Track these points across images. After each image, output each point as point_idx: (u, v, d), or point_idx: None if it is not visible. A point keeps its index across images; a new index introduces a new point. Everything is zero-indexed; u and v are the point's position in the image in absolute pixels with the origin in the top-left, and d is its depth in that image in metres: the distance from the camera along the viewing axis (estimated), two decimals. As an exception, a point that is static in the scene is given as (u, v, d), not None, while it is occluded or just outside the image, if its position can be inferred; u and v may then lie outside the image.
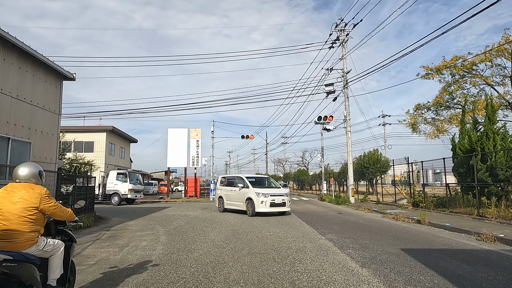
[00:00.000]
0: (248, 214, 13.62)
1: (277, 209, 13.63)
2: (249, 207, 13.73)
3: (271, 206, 13.39)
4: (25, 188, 3.10)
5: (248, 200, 13.82)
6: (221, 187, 16.43)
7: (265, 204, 13.29)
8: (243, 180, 14.86)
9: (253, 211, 13.40)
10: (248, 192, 13.98)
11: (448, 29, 11.70)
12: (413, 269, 5.27)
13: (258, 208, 13.27)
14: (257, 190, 13.76)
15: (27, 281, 2.88)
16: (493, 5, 9.09)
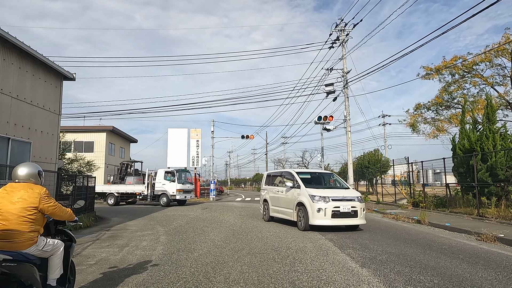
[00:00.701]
0: (299, 227, 9.58)
1: (344, 221, 9.27)
2: (300, 216, 9.62)
3: (334, 217, 9.12)
4: (24, 188, 3.10)
5: (299, 207, 9.75)
6: (266, 187, 12.65)
7: (324, 213, 9.05)
8: (292, 177, 10.76)
9: (305, 223, 9.29)
10: (300, 194, 9.90)
11: (448, 29, 11.71)
12: (413, 269, 5.26)
13: (314, 218, 9.12)
14: (312, 191, 9.58)
15: (27, 281, 2.88)
16: (493, 5, 9.09)
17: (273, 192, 11.84)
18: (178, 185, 20.52)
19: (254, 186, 73.24)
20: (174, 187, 20.45)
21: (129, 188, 22.31)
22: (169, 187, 20.62)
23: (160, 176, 21.30)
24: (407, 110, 23.43)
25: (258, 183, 71.27)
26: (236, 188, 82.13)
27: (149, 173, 21.98)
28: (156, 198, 21.01)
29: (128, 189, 22.34)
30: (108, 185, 23.64)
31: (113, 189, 22.48)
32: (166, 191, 20.55)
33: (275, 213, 11.52)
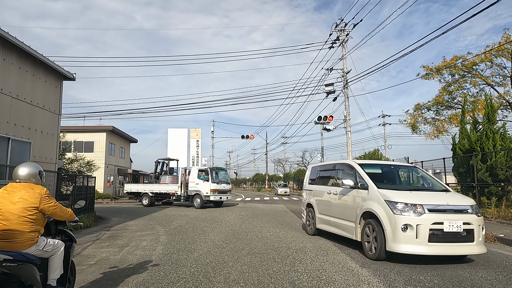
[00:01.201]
0: (368, 254, 6.09)
1: (451, 249, 5.60)
2: (369, 235, 6.14)
3: (434, 241, 5.49)
4: (25, 188, 3.10)
5: (368, 220, 6.25)
6: (311, 186, 9.08)
7: (416, 233, 5.51)
8: (352, 171, 7.26)
9: (380, 248, 5.79)
10: (367, 199, 6.40)
11: (448, 29, 11.71)
12: (413, 269, 5.26)
13: (397, 241, 5.62)
14: (390, 194, 6.03)
15: (27, 281, 2.88)
16: (493, 5, 9.09)
17: (322, 194, 8.18)
18: (212, 184, 18.35)
19: (254, 186, 73.28)
20: (207, 187, 18.33)
21: (163, 188, 20.45)
22: (202, 187, 18.56)
23: (193, 174, 19.34)
24: (407, 110, 23.49)
25: (258, 183, 71.36)
26: (236, 188, 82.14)
27: (183, 171, 20.44)
28: (190, 199, 19.06)
29: (162, 189, 20.50)
30: (142, 185, 22.38)
31: (148, 189, 21.04)
32: (200, 191, 18.53)
33: (324, 225, 7.97)
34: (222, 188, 19.01)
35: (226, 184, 19.61)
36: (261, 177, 70.51)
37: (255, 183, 74.42)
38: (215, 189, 18.40)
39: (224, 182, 19.52)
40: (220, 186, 18.84)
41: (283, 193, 37.91)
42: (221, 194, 18.85)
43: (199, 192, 18.57)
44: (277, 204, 22.38)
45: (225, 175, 20.92)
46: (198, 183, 18.84)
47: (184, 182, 19.63)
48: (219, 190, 18.71)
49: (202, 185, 18.58)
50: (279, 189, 39.24)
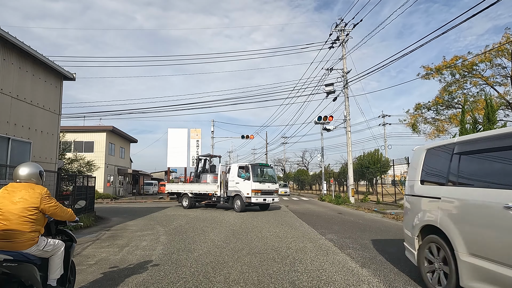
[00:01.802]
0: None
1: None
2: None
3: None
4: (25, 188, 3.10)
5: None
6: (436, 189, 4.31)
7: None
8: None
9: None
10: None
11: (448, 29, 11.72)
12: (413, 269, 5.26)
13: None
14: None
15: (27, 281, 2.88)
16: (493, 5, 9.09)
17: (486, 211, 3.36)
18: (254, 184, 15.85)
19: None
20: (248, 186, 15.87)
21: (203, 188, 18.19)
22: (243, 187, 16.10)
23: (233, 172, 16.85)
24: (407, 110, 23.51)
25: (258, 183, 71.15)
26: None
27: (222, 169, 17.80)
28: (230, 201, 16.65)
29: (202, 189, 18.22)
30: (183, 184, 20.68)
31: (188, 189, 18.96)
32: (240, 191, 16.12)
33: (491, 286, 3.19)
34: (266, 189, 16.35)
35: (271, 184, 16.80)
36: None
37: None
38: (257, 189, 15.89)
39: (268, 181, 16.79)
40: (263, 186, 16.27)
41: (283, 193, 37.92)
42: (265, 196, 16.20)
43: (239, 193, 16.17)
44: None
45: (271, 172, 18.00)
46: (238, 182, 16.39)
47: (224, 181, 17.15)
48: (263, 191, 16.14)
49: (243, 185, 16.14)
50: (279, 189, 39.21)
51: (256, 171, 16.54)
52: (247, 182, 15.95)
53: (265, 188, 16.27)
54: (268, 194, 16.35)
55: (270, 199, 16.38)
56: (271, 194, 16.61)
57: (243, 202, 15.83)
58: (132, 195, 37.69)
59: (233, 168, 17.08)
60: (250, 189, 15.74)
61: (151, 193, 40.93)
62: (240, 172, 16.51)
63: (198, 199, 18.40)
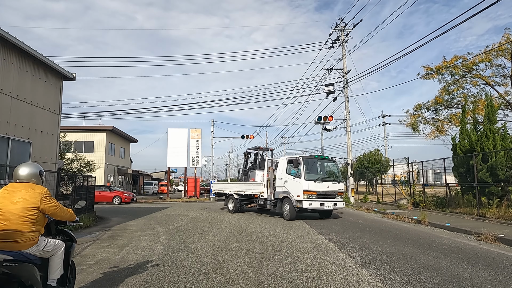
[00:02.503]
0: None
1: None
2: None
3: None
4: (25, 188, 3.10)
5: None
6: None
7: None
8: None
9: None
10: None
11: (448, 29, 11.72)
12: (413, 269, 5.27)
13: None
14: None
15: (27, 281, 2.89)
16: (492, 5, 9.09)
17: None
18: (306, 183, 11.89)
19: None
20: (299, 186, 12.01)
21: (248, 188, 15.03)
22: (293, 187, 12.36)
23: (281, 168, 13.29)
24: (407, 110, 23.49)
25: (258, 183, 71.12)
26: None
27: (270, 163, 14.23)
28: (278, 205, 13.03)
29: (247, 189, 15.06)
30: (229, 184, 17.80)
31: (234, 188, 15.99)
32: (289, 193, 12.39)
33: None
34: (325, 190, 12.20)
35: (332, 183, 12.52)
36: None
37: (255, 183, 74.27)
38: (311, 191, 11.90)
39: (328, 179, 12.64)
40: (320, 186, 12.12)
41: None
42: (323, 199, 12.07)
43: (288, 195, 12.44)
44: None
45: (332, 167, 13.66)
46: (287, 180, 12.76)
47: (271, 180, 13.65)
48: (319, 192, 12.03)
49: (292, 184, 12.43)
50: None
51: (310, 165, 12.61)
52: (298, 181, 12.13)
53: (323, 189, 12.14)
54: (327, 197, 12.17)
55: (330, 203, 12.11)
56: (332, 197, 12.35)
57: (293, 207, 12.07)
58: (132, 195, 37.63)
59: (281, 162, 13.51)
60: (302, 190, 11.82)
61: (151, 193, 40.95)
62: (289, 168, 12.87)
63: (244, 201, 15.40)
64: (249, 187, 14.96)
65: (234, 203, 15.46)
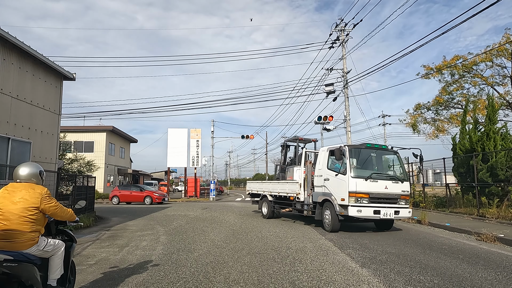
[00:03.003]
0: None
1: None
2: None
3: None
4: (25, 188, 3.10)
5: None
6: None
7: None
8: None
9: None
10: None
11: (448, 29, 11.70)
12: (413, 269, 5.27)
13: None
14: None
15: (27, 281, 2.89)
16: (492, 5, 9.09)
17: None
18: (354, 181, 8.85)
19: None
20: (343, 186, 9.02)
21: (281, 189, 12.28)
22: (335, 186, 9.37)
23: (321, 162, 10.25)
24: (407, 110, 23.49)
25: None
26: (236, 188, 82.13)
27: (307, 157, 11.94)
28: (318, 210, 9.90)
29: (280, 189, 12.34)
30: (265, 183, 14.68)
31: (268, 189, 13.43)
32: (331, 194, 9.43)
33: None
34: (381, 191, 8.92)
35: (393, 182, 9.17)
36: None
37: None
38: (361, 192, 8.77)
39: (386, 177, 9.27)
40: (375, 186, 8.90)
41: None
42: (379, 204, 8.85)
43: (329, 197, 9.39)
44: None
45: (392, 161, 10.16)
46: (327, 178, 9.65)
47: (308, 178, 10.67)
48: (373, 195, 8.83)
49: (335, 183, 9.34)
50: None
51: (359, 158, 9.48)
52: (342, 178, 9.04)
53: (378, 190, 8.82)
54: (384, 202, 8.88)
55: (388, 211, 8.76)
56: (392, 201, 8.99)
57: (335, 215, 9.00)
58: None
59: (321, 154, 10.40)
60: (347, 191, 8.73)
61: (151, 193, 40.87)
62: (331, 162, 9.76)
63: (279, 204, 12.58)
64: (283, 187, 12.18)
65: (268, 207, 12.91)
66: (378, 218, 8.85)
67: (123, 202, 23.63)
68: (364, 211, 8.69)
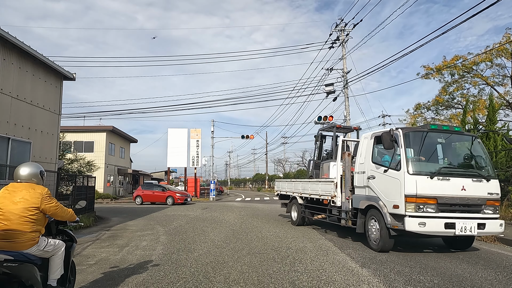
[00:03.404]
0: None
1: None
2: None
3: None
4: (26, 188, 3.10)
5: None
6: None
7: None
8: None
9: None
10: None
11: (448, 29, 11.70)
12: (413, 269, 5.27)
13: None
14: None
15: (28, 281, 2.89)
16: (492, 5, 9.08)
17: None
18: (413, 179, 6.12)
19: (254, 186, 73.25)
20: (396, 186, 6.34)
21: (313, 190, 9.81)
22: (384, 187, 6.75)
23: (363, 153, 7.74)
24: (407, 110, 23.51)
25: (258, 183, 71.34)
26: (236, 188, 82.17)
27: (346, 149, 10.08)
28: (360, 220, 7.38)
29: (312, 190, 9.89)
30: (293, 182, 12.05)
31: (297, 189, 11.01)
32: (377, 199, 6.82)
33: None
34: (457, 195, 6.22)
35: (473, 181, 6.42)
36: (261, 177, 70.53)
37: (255, 183, 74.42)
38: (427, 197, 6.11)
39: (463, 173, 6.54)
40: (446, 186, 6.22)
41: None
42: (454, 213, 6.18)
43: (375, 202, 6.89)
44: (277, 204, 22.27)
45: (468, 150, 7.06)
46: (373, 175, 7.17)
47: (347, 175, 8.19)
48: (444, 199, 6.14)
49: (384, 182, 6.82)
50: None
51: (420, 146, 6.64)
52: (394, 175, 6.51)
53: (451, 193, 6.24)
54: (461, 210, 6.29)
55: (468, 224, 6.13)
56: (474, 208, 6.38)
57: (386, 228, 6.45)
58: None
59: (362, 144, 7.81)
60: (402, 195, 6.20)
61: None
62: (377, 152, 7.33)
63: (310, 208, 10.08)
64: (315, 188, 9.62)
65: (298, 211, 10.63)
66: (452, 234, 6.03)
67: (146, 203, 22.40)
68: (430, 224, 5.90)
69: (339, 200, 8.26)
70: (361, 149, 7.76)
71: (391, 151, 6.66)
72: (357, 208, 7.48)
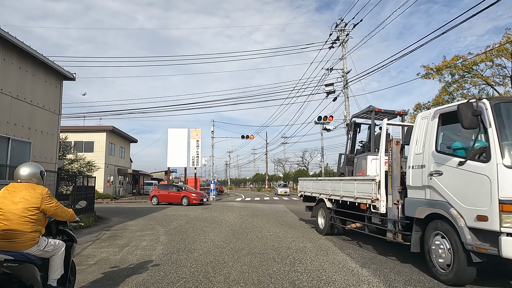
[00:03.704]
0: None
1: None
2: None
3: None
4: (26, 188, 3.10)
5: None
6: None
7: None
8: None
9: None
10: None
11: (448, 29, 11.70)
12: (413, 269, 5.27)
13: None
14: None
15: (28, 281, 2.89)
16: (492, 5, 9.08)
17: None
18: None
19: (254, 186, 73.28)
20: (484, 186, 4.03)
21: (346, 191, 7.78)
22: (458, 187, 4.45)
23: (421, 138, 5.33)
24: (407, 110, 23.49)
25: (258, 183, 71.36)
26: (236, 188, 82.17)
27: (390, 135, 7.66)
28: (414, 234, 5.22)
29: (344, 191, 7.86)
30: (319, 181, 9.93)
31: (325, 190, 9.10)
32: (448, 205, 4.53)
33: None
34: None
35: None
36: (261, 177, 70.55)
37: (255, 183, 74.45)
38: None
39: None
40: None
41: (283, 193, 37.93)
42: None
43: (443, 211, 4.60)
44: (277, 204, 22.34)
45: None
46: (439, 170, 4.82)
47: (395, 171, 5.99)
48: None
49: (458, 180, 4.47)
50: (279, 189, 39.31)
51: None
52: (476, 170, 4.23)
53: None
54: None
55: None
56: None
57: (463, 250, 4.24)
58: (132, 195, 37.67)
59: (419, 127, 5.57)
60: (495, 199, 3.91)
61: (151, 193, 40.81)
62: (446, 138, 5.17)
63: (342, 214, 8.20)
64: (349, 188, 7.68)
65: (326, 217, 8.77)
66: None
67: (162, 203, 21.49)
68: None
69: (383, 205, 6.19)
70: (418, 134, 5.50)
71: (469, 134, 4.60)
72: (411, 217, 5.41)
